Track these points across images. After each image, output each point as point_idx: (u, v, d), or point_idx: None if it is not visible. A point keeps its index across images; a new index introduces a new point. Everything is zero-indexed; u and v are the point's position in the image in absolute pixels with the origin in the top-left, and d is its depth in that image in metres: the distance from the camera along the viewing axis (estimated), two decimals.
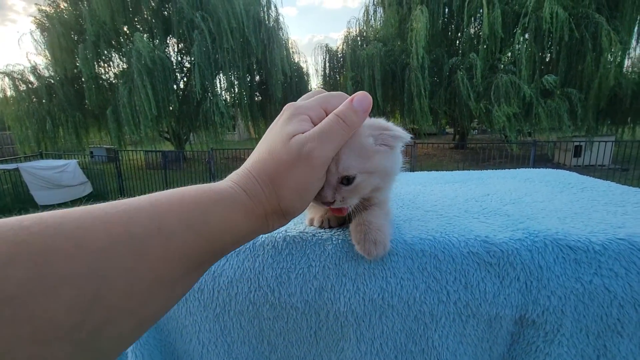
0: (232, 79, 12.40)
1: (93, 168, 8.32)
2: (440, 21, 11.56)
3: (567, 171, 0.93)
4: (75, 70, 11.56)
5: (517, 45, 9.79)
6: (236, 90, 12.61)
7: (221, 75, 12.22)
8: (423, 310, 0.50)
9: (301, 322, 0.55)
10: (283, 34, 13.09)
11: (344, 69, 13.65)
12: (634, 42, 9.36)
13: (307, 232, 0.56)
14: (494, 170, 1.03)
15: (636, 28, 9.20)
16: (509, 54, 10.82)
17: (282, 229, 0.58)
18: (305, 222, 0.61)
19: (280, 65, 12.24)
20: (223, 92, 12.85)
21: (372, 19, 14.67)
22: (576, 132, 10.44)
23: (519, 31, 9.36)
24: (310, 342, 0.55)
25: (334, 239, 0.54)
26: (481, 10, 9.73)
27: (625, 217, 0.56)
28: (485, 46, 10.03)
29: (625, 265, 0.46)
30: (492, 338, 0.50)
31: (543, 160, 9.92)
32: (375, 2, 14.39)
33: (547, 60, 10.44)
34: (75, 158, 8.28)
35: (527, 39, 9.39)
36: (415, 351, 0.52)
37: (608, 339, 0.47)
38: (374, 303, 0.51)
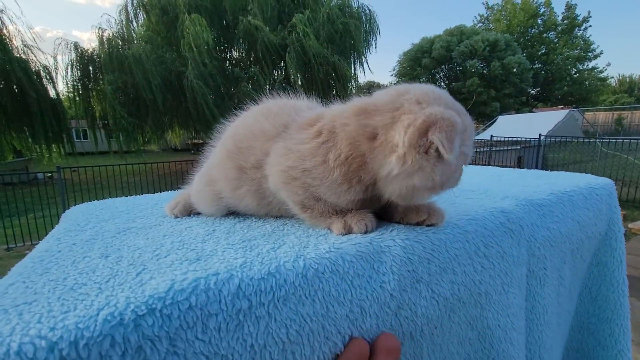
0: None
1: None
2: (214, 33, 11.79)
3: None
4: None
5: (284, 69, 11.48)
6: None
7: None
8: (480, 291, 0.49)
9: None
10: (5, 22, 9.29)
11: (101, 73, 11.35)
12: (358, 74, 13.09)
13: (361, 243, 0.42)
14: None
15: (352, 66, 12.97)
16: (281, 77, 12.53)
17: (331, 249, 0.40)
18: (335, 232, 0.45)
19: (11, 64, 8.64)
20: None
21: (134, 21, 13.02)
22: None
23: (287, 57, 11.02)
24: None
25: (397, 239, 0.43)
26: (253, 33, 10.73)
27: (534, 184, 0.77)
28: (258, 66, 11.15)
29: (561, 212, 0.64)
30: (522, 302, 0.55)
31: None
32: (135, 5, 12.84)
33: (312, 86, 12.84)
34: None
35: (292, 65, 11.19)
36: (473, 337, 0.50)
37: (561, 269, 0.63)
38: (446, 302, 0.45)
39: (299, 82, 11.51)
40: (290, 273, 0.35)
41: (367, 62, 13.02)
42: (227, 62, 13.01)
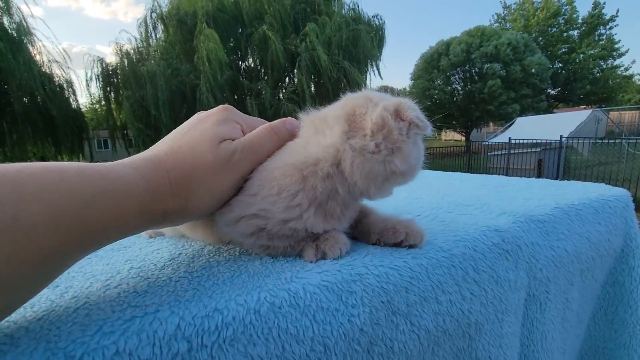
0: None
1: None
2: (228, 46, 12.00)
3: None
4: None
5: (296, 79, 11.55)
6: None
7: None
8: (470, 321, 0.44)
9: None
10: (34, 41, 9.89)
11: (121, 87, 11.81)
12: (368, 81, 13.10)
13: (328, 271, 0.38)
14: None
15: (367, 72, 12.93)
16: (291, 87, 12.61)
17: (293, 278, 0.37)
18: (306, 259, 0.42)
19: (35, 80, 9.18)
20: None
21: (153, 35, 13.45)
22: None
23: (297, 67, 11.10)
24: None
25: (369, 266, 0.39)
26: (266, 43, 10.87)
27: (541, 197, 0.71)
28: (267, 77, 11.28)
29: (567, 228, 0.58)
30: (517, 330, 0.50)
31: None
32: (154, 17, 13.27)
33: (322, 94, 12.86)
34: None
35: (303, 75, 11.25)
36: None
37: (568, 291, 0.57)
38: (428, 335, 0.41)
39: (310, 89, 11.58)
40: (241, 309, 0.32)
41: (378, 68, 13.01)
42: (243, 70, 13.21)
